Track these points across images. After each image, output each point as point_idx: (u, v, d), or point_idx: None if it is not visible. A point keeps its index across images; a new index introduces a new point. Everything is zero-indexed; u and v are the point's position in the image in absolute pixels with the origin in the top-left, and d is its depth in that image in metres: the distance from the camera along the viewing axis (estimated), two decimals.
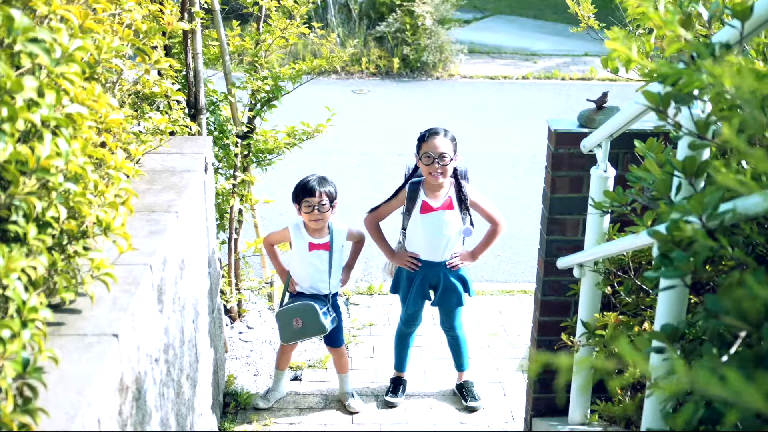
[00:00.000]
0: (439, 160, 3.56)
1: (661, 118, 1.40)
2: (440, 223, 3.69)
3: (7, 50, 1.47)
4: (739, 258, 1.20)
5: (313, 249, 3.73)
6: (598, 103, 2.90)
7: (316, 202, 3.61)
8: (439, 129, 3.64)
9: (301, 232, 3.75)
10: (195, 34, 3.63)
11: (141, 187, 2.73)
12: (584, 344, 2.67)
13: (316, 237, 3.74)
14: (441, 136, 3.59)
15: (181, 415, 2.70)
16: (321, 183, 3.65)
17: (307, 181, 3.66)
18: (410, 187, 3.75)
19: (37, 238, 1.58)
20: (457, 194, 3.71)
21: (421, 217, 3.70)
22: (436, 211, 3.68)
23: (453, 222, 3.71)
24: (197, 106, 3.73)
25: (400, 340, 4.04)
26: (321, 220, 3.65)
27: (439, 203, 3.69)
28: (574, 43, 11.50)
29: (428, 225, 3.70)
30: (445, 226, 3.69)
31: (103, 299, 1.95)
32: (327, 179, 3.69)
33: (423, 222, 3.70)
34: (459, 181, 3.72)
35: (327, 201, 3.63)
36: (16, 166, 1.47)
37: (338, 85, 9.99)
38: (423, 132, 3.69)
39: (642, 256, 2.39)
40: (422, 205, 3.69)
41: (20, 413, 1.41)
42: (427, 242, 3.74)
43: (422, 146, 3.63)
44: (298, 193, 3.67)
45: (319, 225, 3.68)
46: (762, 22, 1.28)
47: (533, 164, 7.41)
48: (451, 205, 3.70)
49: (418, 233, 3.75)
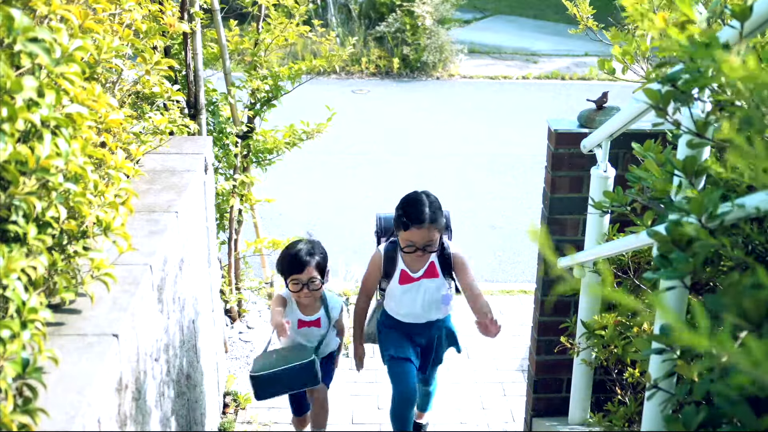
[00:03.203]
0: (425, 249, 3.06)
1: (660, 116, 1.40)
2: (422, 292, 3.19)
3: (7, 50, 1.47)
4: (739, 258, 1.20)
5: (302, 326, 3.25)
6: (598, 103, 2.90)
7: (305, 279, 3.12)
8: (422, 209, 2.99)
9: (292, 305, 3.25)
10: (195, 34, 3.63)
11: (141, 187, 2.73)
12: (584, 345, 2.67)
13: (307, 313, 3.25)
14: (426, 224, 2.98)
15: (181, 415, 2.70)
16: (310, 255, 3.13)
17: (296, 254, 3.13)
18: (385, 254, 3.22)
19: (37, 238, 1.58)
20: (441, 258, 3.17)
21: (401, 288, 3.20)
22: (417, 281, 3.18)
23: (437, 288, 3.20)
24: (197, 106, 3.73)
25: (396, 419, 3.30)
26: (311, 297, 3.19)
27: (421, 272, 3.17)
28: (574, 43, 11.50)
29: (409, 295, 3.21)
30: (427, 294, 3.20)
31: (103, 299, 1.95)
32: (315, 246, 3.19)
33: (403, 292, 3.21)
34: (442, 244, 3.17)
35: (318, 277, 3.13)
36: (16, 166, 1.47)
37: (338, 85, 9.99)
38: (402, 213, 3.03)
39: (642, 257, 2.39)
40: (401, 275, 3.18)
41: (20, 413, 1.41)
42: (409, 312, 3.25)
43: (403, 234, 3.05)
44: (285, 268, 3.17)
45: (309, 301, 3.22)
46: (762, 22, 1.28)
47: (533, 164, 7.41)
48: (434, 272, 3.18)
49: (398, 302, 3.25)
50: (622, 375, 2.52)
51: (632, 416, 2.27)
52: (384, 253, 3.23)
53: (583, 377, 2.85)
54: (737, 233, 1.31)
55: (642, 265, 2.39)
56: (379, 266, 3.24)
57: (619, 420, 2.29)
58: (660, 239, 1.32)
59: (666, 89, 1.35)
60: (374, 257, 3.27)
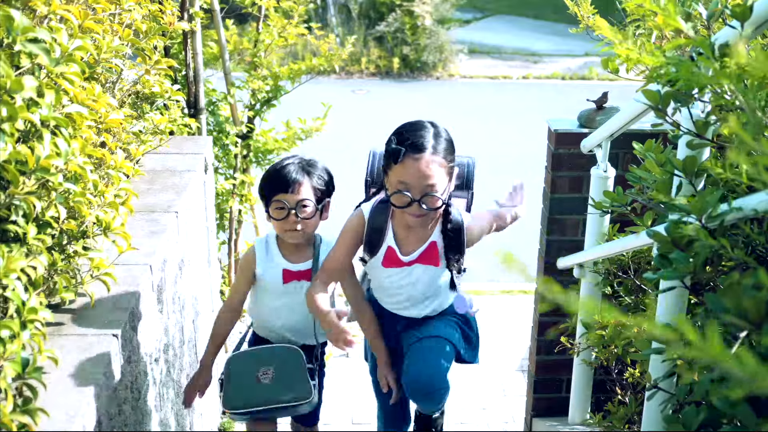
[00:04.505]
0: (424, 200, 2.06)
1: (660, 116, 1.40)
2: (412, 282, 2.26)
3: (7, 50, 1.47)
4: (740, 258, 1.20)
5: (290, 280, 2.36)
6: (598, 103, 2.90)
7: (293, 203, 2.26)
8: (423, 133, 2.10)
9: (270, 251, 2.39)
10: (195, 34, 3.63)
11: (141, 187, 2.73)
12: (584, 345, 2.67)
13: (294, 260, 2.37)
14: (428, 153, 2.06)
15: (181, 415, 2.70)
16: (304, 171, 2.30)
17: (282, 167, 2.30)
18: (372, 217, 2.21)
19: (36, 238, 1.58)
20: (446, 234, 2.20)
21: (384, 272, 2.24)
22: (407, 266, 2.22)
23: (431, 279, 2.28)
24: (197, 106, 3.73)
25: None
26: (301, 231, 2.30)
27: (414, 254, 2.21)
28: (574, 43, 11.50)
29: (394, 282, 2.27)
30: (420, 286, 2.28)
31: (103, 299, 1.95)
32: (315, 164, 2.36)
33: (387, 276, 2.26)
34: (447, 213, 2.19)
35: (312, 200, 2.28)
36: (15, 166, 1.47)
37: (338, 85, 9.99)
38: (394, 138, 2.14)
39: (642, 257, 2.39)
40: (386, 254, 2.21)
41: (20, 413, 1.41)
42: (396, 304, 2.35)
43: (394, 168, 2.07)
44: (266, 187, 2.33)
45: (297, 238, 2.32)
46: (762, 22, 1.28)
47: (533, 164, 7.40)
48: (433, 257, 2.21)
49: (380, 286, 2.33)
50: (622, 375, 2.51)
51: (632, 416, 2.27)
52: (370, 214, 2.21)
53: (583, 377, 2.84)
54: (737, 233, 1.31)
55: (642, 265, 2.39)
56: (360, 234, 2.22)
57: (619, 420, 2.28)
58: (660, 239, 1.32)
59: (665, 90, 1.35)
60: (353, 220, 2.25)
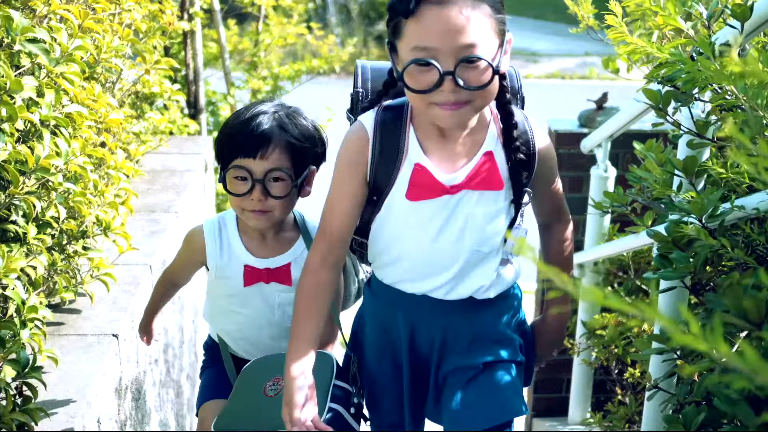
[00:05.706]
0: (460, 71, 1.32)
1: (660, 116, 1.40)
2: (461, 227, 1.49)
3: (7, 50, 1.47)
4: (740, 258, 1.20)
5: (253, 281, 1.70)
6: (598, 103, 2.90)
7: (260, 173, 1.58)
8: None
9: (226, 238, 1.71)
10: (194, 34, 3.63)
11: (141, 187, 2.73)
12: (584, 345, 2.67)
13: (261, 252, 1.70)
14: None
15: (181, 415, 2.70)
16: (280, 125, 1.61)
17: (250, 117, 1.61)
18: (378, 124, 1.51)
19: (36, 238, 1.57)
20: (508, 144, 1.49)
21: (408, 206, 1.48)
22: (450, 193, 1.47)
23: (490, 214, 1.51)
24: (197, 106, 3.73)
25: None
26: (269, 213, 1.63)
27: (463, 171, 1.47)
28: (574, 43, 11.50)
29: (430, 231, 1.49)
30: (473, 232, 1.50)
31: (103, 299, 1.95)
32: (297, 115, 1.70)
33: (411, 212, 1.49)
34: (509, 111, 1.49)
35: (288, 170, 1.61)
36: (15, 166, 1.47)
37: (338, 85, 9.98)
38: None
39: (642, 257, 2.39)
40: (412, 178, 1.47)
41: (20, 413, 1.41)
42: (426, 262, 1.53)
43: (406, 28, 1.34)
44: (223, 144, 1.63)
45: (261, 223, 1.65)
46: (762, 21, 1.28)
47: None
48: (493, 177, 1.48)
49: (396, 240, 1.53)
50: (622, 375, 2.51)
51: (632, 416, 2.27)
52: (375, 124, 1.52)
53: (583, 377, 2.84)
54: (737, 233, 1.31)
55: (642, 265, 2.39)
56: (364, 158, 1.51)
57: (619, 420, 2.28)
58: (660, 239, 1.32)
59: (666, 89, 1.35)
60: (348, 140, 1.57)
